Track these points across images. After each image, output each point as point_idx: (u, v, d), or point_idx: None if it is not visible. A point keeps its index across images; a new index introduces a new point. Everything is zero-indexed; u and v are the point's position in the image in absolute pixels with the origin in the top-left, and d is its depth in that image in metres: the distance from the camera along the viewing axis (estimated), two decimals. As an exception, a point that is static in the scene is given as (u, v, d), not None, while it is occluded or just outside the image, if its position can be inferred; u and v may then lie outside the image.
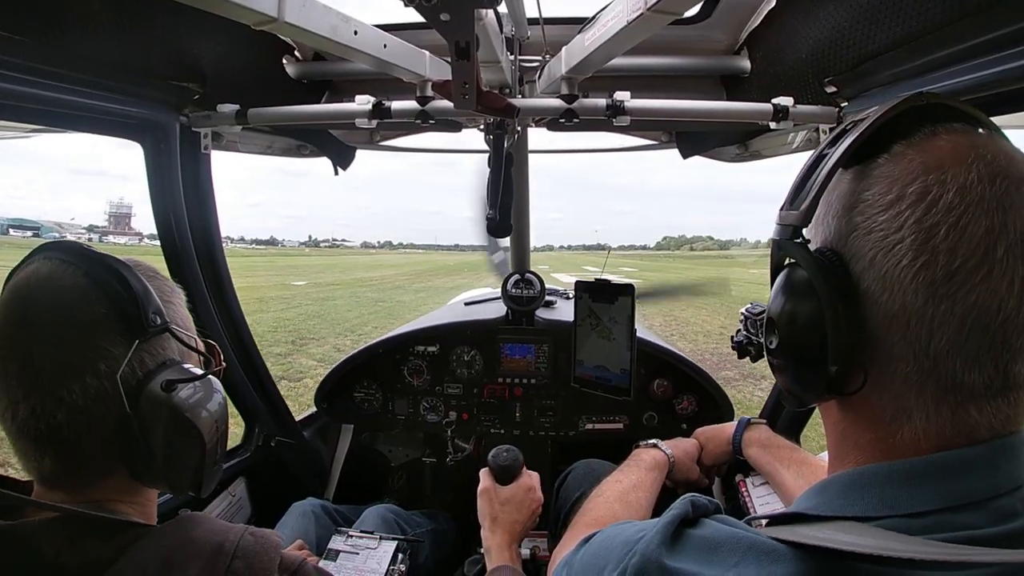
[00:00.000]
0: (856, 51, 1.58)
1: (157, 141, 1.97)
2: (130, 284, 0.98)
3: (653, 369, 2.83)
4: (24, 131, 1.87)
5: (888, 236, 0.71)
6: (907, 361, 0.72)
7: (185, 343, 1.07)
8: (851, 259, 0.76)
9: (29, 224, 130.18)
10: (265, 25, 1.26)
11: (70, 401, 0.93)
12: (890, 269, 0.71)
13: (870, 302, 0.73)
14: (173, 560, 0.95)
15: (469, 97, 1.42)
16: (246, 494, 2.49)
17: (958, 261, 0.67)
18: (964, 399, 0.71)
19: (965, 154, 0.71)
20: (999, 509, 0.70)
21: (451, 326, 2.96)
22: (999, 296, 0.67)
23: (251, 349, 2.49)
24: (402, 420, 2.97)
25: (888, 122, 0.77)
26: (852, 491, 0.78)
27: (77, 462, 0.98)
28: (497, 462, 1.88)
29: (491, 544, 1.77)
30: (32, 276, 0.98)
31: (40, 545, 0.91)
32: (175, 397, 0.98)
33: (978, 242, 0.67)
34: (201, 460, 1.03)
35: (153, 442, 0.97)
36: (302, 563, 1.09)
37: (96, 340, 0.95)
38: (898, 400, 0.74)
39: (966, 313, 0.67)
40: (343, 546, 1.90)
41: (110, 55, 1.61)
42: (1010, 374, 0.69)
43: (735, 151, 2.65)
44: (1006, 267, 0.66)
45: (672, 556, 0.81)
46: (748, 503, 1.79)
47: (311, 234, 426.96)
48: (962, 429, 0.72)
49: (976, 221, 0.67)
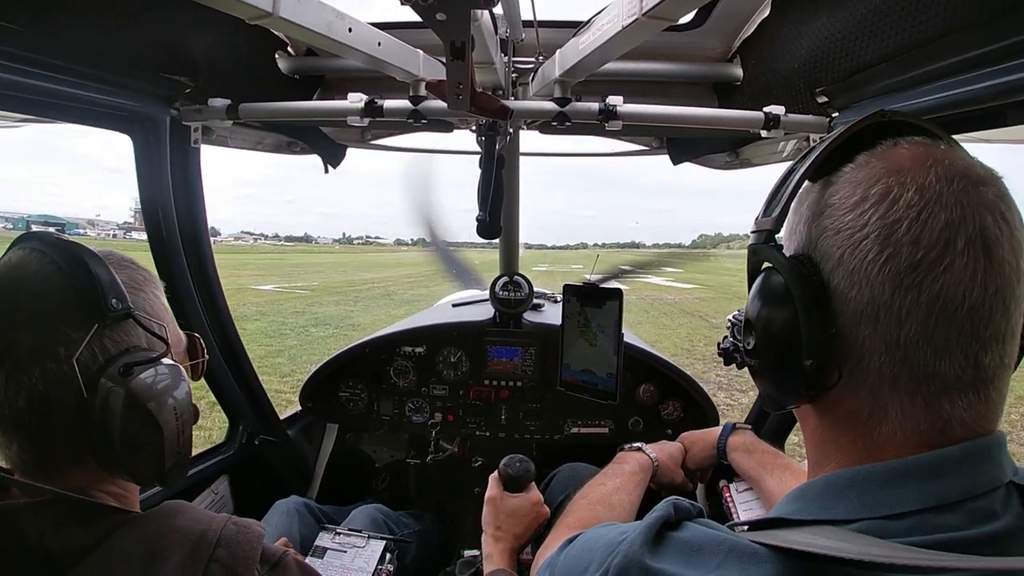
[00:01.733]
0: (848, 62, 1.60)
1: (146, 134, 1.95)
2: (92, 270, 0.98)
3: (639, 374, 2.84)
4: (13, 120, 1.85)
5: (854, 234, 0.75)
6: (879, 353, 0.74)
7: (151, 331, 1.05)
8: (821, 260, 0.79)
9: (54, 221, 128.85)
10: (260, 20, 1.25)
11: (30, 385, 0.93)
12: (857, 265, 0.74)
13: (840, 299, 0.77)
14: (156, 547, 0.95)
15: (463, 98, 1.42)
16: (229, 492, 2.48)
17: (921, 252, 0.70)
18: (937, 391, 0.73)
19: (924, 160, 0.75)
20: (977, 510, 0.71)
21: (438, 327, 2.96)
22: (963, 285, 0.70)
23: (236, 345, 2.47)
24: (387, 420, 2.96)
25: (852, 136, 0.82)
26: (831, 495, 0.79)
27: (42, 448, 0.98)
28: (508, 471, 1.87)
29: (492, 551, 1.76)
30: (3, 265, 1.00)
31: (24, 527, 0.91)
32: (132, 382, 0.97)
33: (938, 234, 0.70)
34: (161, 448, 1.01)
35: (111, 428, 0.96)
36: (283, 554, 1.09)
37: (57, 324, 0.95)
38: (874, 395, 0.76)
39: (932, 302, 0.70)
40: (331, 544, 1.89)
41: (102, 46, 1.60)
42: (980, 365, 0.72)
43: (725, 158, 2.66)
44: (968, 259, 0.70)
45: (654, 557, 0.82)
46: (731, 508, 1.80)
47: (345, 231, 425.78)
48: (936, 423, 0.74)
49: (935, 216, 0.71)
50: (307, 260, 60.29)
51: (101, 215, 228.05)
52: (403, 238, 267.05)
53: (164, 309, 1.14)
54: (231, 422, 2.59)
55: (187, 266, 2.17)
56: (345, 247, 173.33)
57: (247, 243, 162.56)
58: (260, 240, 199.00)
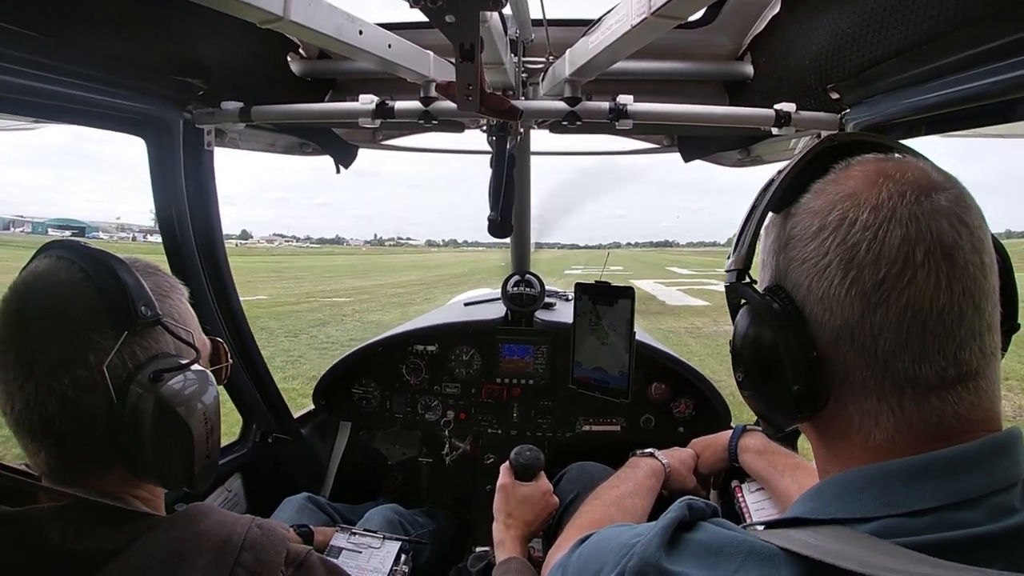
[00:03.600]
0: (859, 58, 1.59)
1: (160, 137, 1.97)
2: (120, 277, 1.00)
3: (651, 372, 2.83)
4: (28, 123, 1.87)
5: (819, 262, 0.79)
6: (861, 368, 0.77)
7: (179, 337, 1.07)
8: (792, 289, 0.83)
9: (75, 224, 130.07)
10: (271, 23, 1.26)
11: (61, 392, 0.94)
12: (826, 291, 0.78)
13: (816, 324, 0.80)
14: (182, 552, 0.97)
15: (473, 99, 1.42)
16: (242, 490, 2.50)
17: (883, 270, 0.73)
18: (923, 392, 0.75)
19: (874, 179, 0.78)
20: (997, 506, 0.71)
21: (450, 326, 2.97)
22: (928, 294, 0.72)
23: (250, 345, 2.49)
24: (400, 419, 2.98)
25: (807, 165, 0.87)
26: (848, 493, 0.79)
27: (72, 454, 0.99)
28: (519, 460, 1.93)
29: (504, 538, 1.79)
30: (31, 273, 1.01)
31: (47, 531, 0.92)
32: (162, 388, 0.98)
33: (897, 250, 0.73)
34: (191, 454, 1.03)
35: (142, 434, 0.97)
36: (308, 554, 1.10)
37: (86, 332, 0.97)
38: (862, 407, 0.79)
39: (901, 314, 0.73)
40: (346, 544, 1.89)
41: (115, 50, 1.61)
42: (960, 361, 0.74)
43: (737, 156, 2.65)
44: (929, 268, 0.72)
45: (671, 560, 0.81)
46: (743, 509, 1.79)
47: (376, 233, 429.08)
48: (930, 420, 0.75)
49: (892, 233, 0.73)
50: (315, 263, 57.01)
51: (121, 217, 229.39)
52: (434, 239, 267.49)
53: (190, 315, 1.16)
54: (245, 421, 2.61)
55: (202, 267, 2.19)
56: (374, 248, 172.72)
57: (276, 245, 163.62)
58: (291, 242, 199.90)
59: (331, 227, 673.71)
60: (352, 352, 2.93)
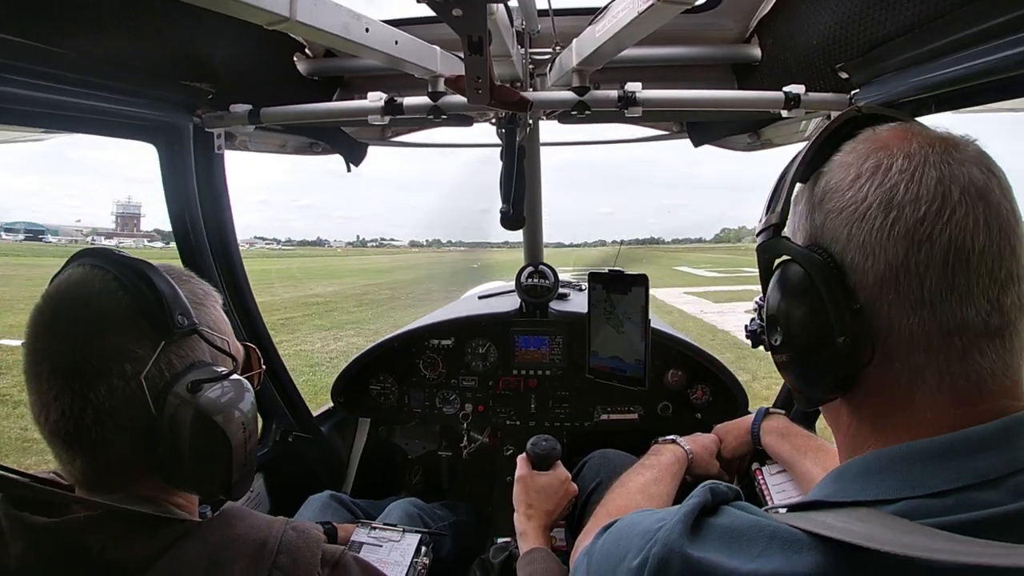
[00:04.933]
0: (867, 36, 1.57)
1: (171, 142, 1.98)
2: (157, 286, 0.99)
3: (667, 359, 2.84)
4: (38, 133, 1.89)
5: (858, 207, 0.80)
6: (907, 315, 0.77)
7: (216, 345, 1.07)
8: (831, 243, 0.83)
9: (34, 227, 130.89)
10: (277, 25, 1.26)
11: (97, 402, 0.94)
12: (867, 235, 0.78)
13: (859, 273, 0.80)
14: (219, 557, 0.98)
15: (482, 92, 1.42)
16: (264, 489, 2.52)
17: (923, 207, 0.75)
18: (968, 341, 0.75)
19: (904, 134, 0.82)
20: (1017, 485, 0.71)
21: (466, 319, 2.98)
22: (968, 231, 0.74)
23: (268, 346, 2.51)
24: (418, 413, 2.99)
25: (834, 132, 0.89)
26: (870, 474, 0.79)
27: (107, 464, 0.99)
28: (535, 450, 1.96)
29: (526, 528, 1.82)
30: (64, 282, 1.01)
31: (86, 541, 0.93)
32: (200, 398, 0.98)
33: (934, 189, 0.75)
34: (229, 462, 1.03)
35: (180, 444, 0.97)
36: (343, 553, 1.11)
37: (122, 342, 0.97)
38: (908, 362, 0.78)
39: (945, 251, 0.74)
40: (366, 538, 1.90)
41: (122, 58, 1.62)
42: (1003, 307, 0.75)
43: (747, 140, 2.64)
44: (967, 207, 0.74)
45: (694, 545, 0.81)
46: (765, 491, 1.79)
47: (359, 234, 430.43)
48: (971, 378, 0.76)
49: (927, 174, 0.76)
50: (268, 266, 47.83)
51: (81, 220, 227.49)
52: (417, 240, 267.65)
53: (224, 322, 1.16)
54: (264, 420, 2.62)
55: (217, 271, 2.21)
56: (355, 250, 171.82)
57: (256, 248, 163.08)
58: (272, 245, 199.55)
59: (316, 229, 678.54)
60: (369, 349, 2.95)
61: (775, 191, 0.94)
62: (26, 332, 0.99)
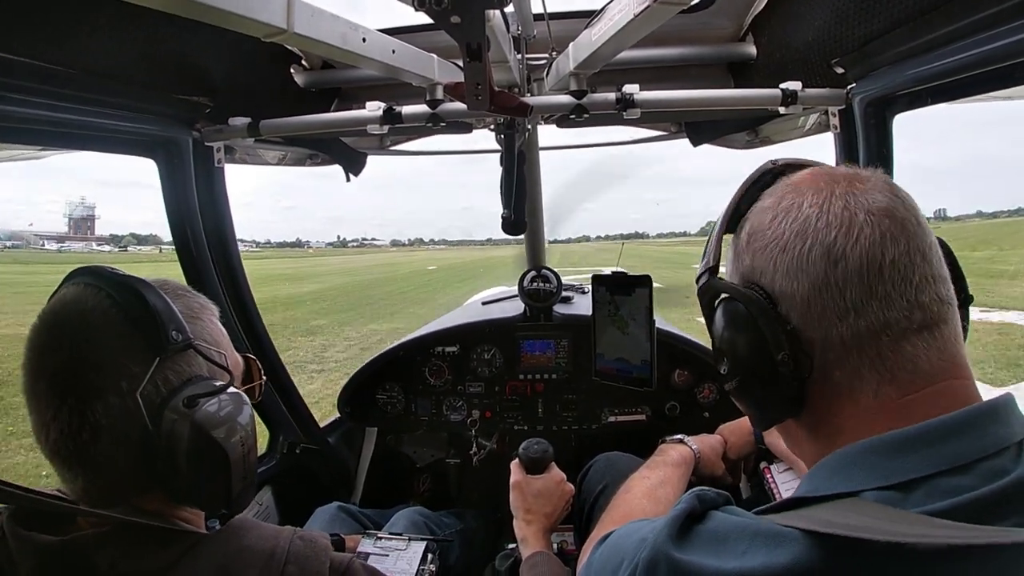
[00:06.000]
0: (861, 31, 1.58)
1: (171, 157, 1.99)
2: (150, 303, 1.00)
3: (673, 359, 2.83)
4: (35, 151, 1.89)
5: (779, 241, 0.89)
6: (835, 324, 0.84)
7: (212, 359, 1.07)
8: (760, 276, 0.92)
9: None
10: (275, 37, 1.27)
11: (94, 420, 0.94)
12: (790, 262, 0.87)
13: (788, 298, 0.88)
14: (229, 568, 0.98)
15: (482, 98, 1.42)
16: (273, 502, 2.52)
17: (833, 231, 0.84)
18: (897, 336, 0.82)
19: (812, 177, 0.92)
20: (989, 469, 0.74)
21: (470, 326, 2.98)
22: (877, 245, 0.82)
23: (273, 358, 2.51)
24: (425, 421, 2.99)
25: (751, 185, 1.01)
26: (842, 468, 0.83)
27: (108, 481, 0.99)
28: (528, 454, 1.95)
29: (526, 534, 1.81)
30: (59, 301, 1.02)
31: (95, 558, 0.93)
32: (197, 413, 0.98)
33: (841, 215, 0.84)
34: (228, 475, 1.03)
35: (179, 459, 0.97)
36: (351, 561, 1.12)
37: (118, 359, 0.97)
38: (845, 365, 0.85)
39: (860, 265, 0.82)
40: (372, 548, 1.90)
41: (120, 72, 1.63)
42: (922, 304, 0.82)
43: (746, 138, 2.64)
44: (872, 225, 0.83)
45: (681, 549, 0.83)
46: (773, 489, 1.79)
47: (340, 234, 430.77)
48: (906, 365, 0.82)
49: (834, 205, 0.85)
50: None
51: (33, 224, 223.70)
52: (399, 239, 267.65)
53: (221, 334, 1.15)
54: (271, 433, 2.63)
55: (220, 284, 2.21)
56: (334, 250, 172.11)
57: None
58: (250, 247, 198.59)
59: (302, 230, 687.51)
60: (374, 358, 2.94)
61: (707, 243, 1.05)
62: (24, 352, 0.99)
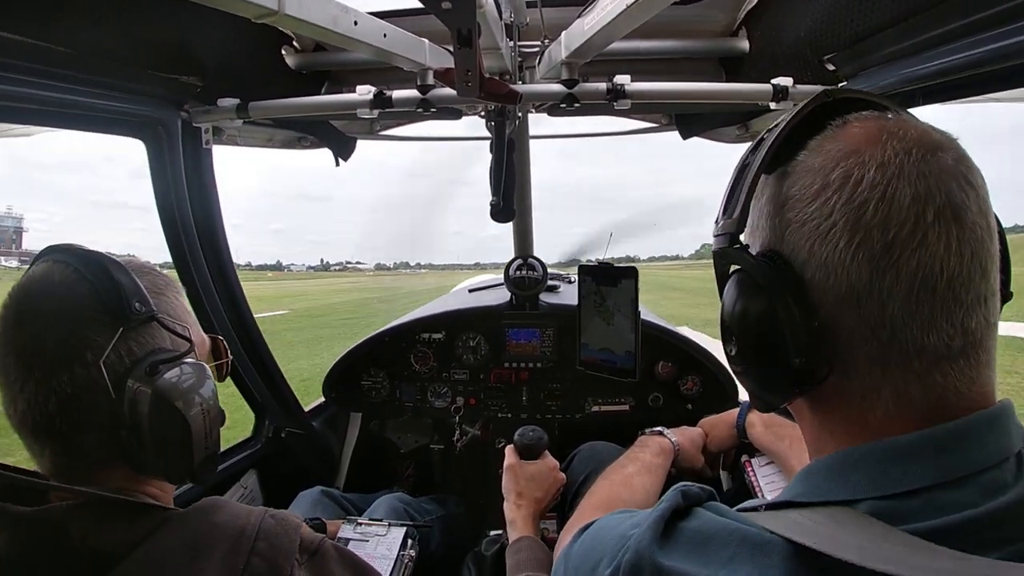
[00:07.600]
0: (854, 28, 1.58)
1: (159, 138, 1.97)
2: (114, 276, 1.02)
3: (657, 350, 2.84)
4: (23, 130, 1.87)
5: (821, 224, 0.73)
6: (866, 338, 0.72)
7: (176, 332, 1.08)
8: (791, 254, 0.77)
9: None
10: (266, 18, 1.26)
11: (60, 390, 0.96)
12: (829, 255, 0.73)
13: (818, 291, 0.74)
14: (199, 544, 0.99)
15: (472, 84, 1.42)
16: (257, 485, 2.52)
17: (892, 232, 0.69)
18: (929, 364, 0.71)
19: (877, 135, 0.73)
20: (989, 482, 0.69)
21: (456, 313, 2.98)
22: (939, 257, 0.68)
23: (258, 342, 2.50)
24: (410, 407, 2.99)
25: (801, 122, 0.81)
26: (839, 473, 0.77)
27: (75, 453, 1.01)
28: (523, 440, 1.98)
29: (516, 517, 1.82)
30: (28, 277, 1.04)
31: (69, 528, 0.94)
32: (158, 380, 1.00)
33: (907, 211, 0.69)
34: (190, 445, 1.05)
35: (141, 427, 0.99)
36: (322, 541, 1.13)
37: (83, 330, 0.98)
38: (865, 379, 0.75)
39: (912, 278, 0.69)
40: (352, 534, 1.91)
41: (108, 51, 1.61)
42: (968, 330, 0.70)
43: (736, 132, 2.64)
44: (940, 230, 0.68)
45: (665, 552, 0.80)
46: (754, 483, 1.80)
47: (323, 258, 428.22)
48: (930, 397, 0.72)
49: (901, 191, 0.69)
50: None
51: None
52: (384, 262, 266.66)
53: (186, 312, 1.17)
54: (257, 417, 2.63)
55: (207, 266, 2.21)
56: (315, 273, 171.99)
57: None
58: None
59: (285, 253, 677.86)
60: (359, 343, 2.94)
61: (733, 189, 0.86)
62: None
